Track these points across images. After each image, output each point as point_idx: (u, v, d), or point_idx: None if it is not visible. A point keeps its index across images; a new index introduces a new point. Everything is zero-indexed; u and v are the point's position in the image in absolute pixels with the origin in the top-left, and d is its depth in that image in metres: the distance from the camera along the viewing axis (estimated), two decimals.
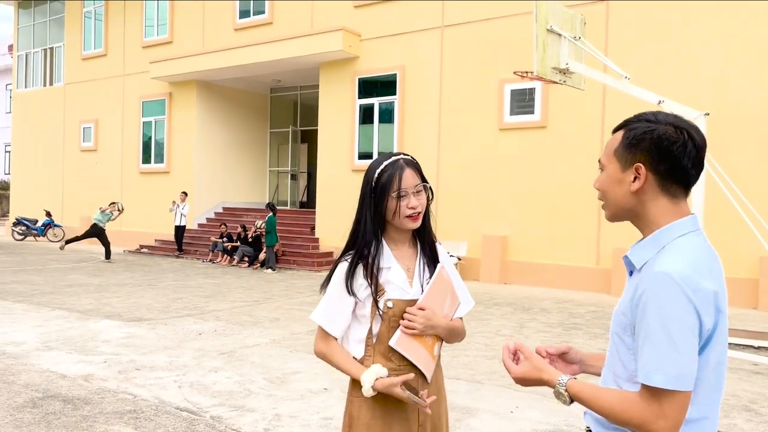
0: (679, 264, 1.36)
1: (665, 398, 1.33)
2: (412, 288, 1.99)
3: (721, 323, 1.40)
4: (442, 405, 2.08)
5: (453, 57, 13.74)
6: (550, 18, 7.04)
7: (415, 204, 1.95)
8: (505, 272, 12.93)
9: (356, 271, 1.97)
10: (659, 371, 1.33)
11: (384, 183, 1.94)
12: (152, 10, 19.65)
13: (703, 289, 1.34)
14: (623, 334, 1.46)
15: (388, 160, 1.98)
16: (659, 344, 1.33)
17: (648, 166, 1.45)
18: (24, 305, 8.96)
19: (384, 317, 1.95)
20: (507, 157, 12.96)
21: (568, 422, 4.55)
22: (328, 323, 2.00)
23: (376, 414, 1.94)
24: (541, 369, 1.58)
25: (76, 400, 4.79)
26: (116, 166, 20.53)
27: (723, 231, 9.26)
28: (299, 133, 20.06)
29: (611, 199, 1.53)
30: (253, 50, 16.11)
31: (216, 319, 8.24)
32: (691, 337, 1.33)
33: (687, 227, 1.44)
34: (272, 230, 14.30)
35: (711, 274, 1.38)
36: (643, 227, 1.49)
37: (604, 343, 7.26)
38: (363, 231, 1.98)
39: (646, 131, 1.45)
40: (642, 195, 1.46)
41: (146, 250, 18.13)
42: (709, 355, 1.39)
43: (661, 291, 1.34)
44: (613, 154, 1.51)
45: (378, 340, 1.96)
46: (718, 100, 10.42)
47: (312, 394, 5.12)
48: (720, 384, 1.45)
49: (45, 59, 23.28)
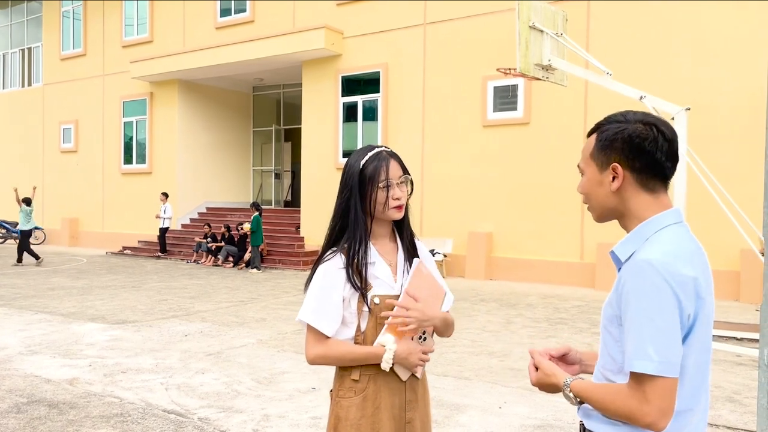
0: (659, 252, 1.39)
1: (649, 384, 1.34)
2: (397, 283, 1.97)
3: (703, 311, 1.41)
4: (428, 401, 2.08)
5: (436, 54, 13.76)
6: (533, 15, 7.08)
7: (399, 195, 1.94)
8: (491, 268, 12.98)
9: (352, 266, 1.93)
10: (642, 357, 1.34)
11: (370, 174, 1.93)
12: (132, 9, 19.45)
13: (683, 275, 1.36)
14: (610, 326, 1.48)
15: (372, 152, 1.97)
16: (641, 330, 1.35)
17: (624, 165, 1.49)
18: (5, 309, 8.84)
19: (371, 314, 1.94)
20: (491, 154, 13.01)
21: (556, 417, 4.58)
22: (321, 322, 1.92)
23: (365, 413, 1.92)
24: (549, 374, 1.61)
25: (62, 405, 4.74)
26: (97, 168, 20.31)
27: (704, 224, 9.37)
28: (282, 131, 19.98)
29: (595, 201, 1.57)
30: (234, 49, 16.01)
31: (202, 320, 8.19)
32: (673, 323, 1.35)
33: (669, 219, 1.47)
34: (258, 230, 14.24)
35: (692, 262, 1.41)
36: (628, 224, 1.52)
37: (590, 337, 7.32)
38: (353, 224, 1.94)
39: (617, 131, 1.50)
40: (623, 193, 1.50)
41: (129, 251, 17.97)
42: (692, 344, 1.40)
43: (642, 278, 1.37)
44: (589, 158, 1.56)
45: (366, 337, 1.94)
46: (698, 95, 10.54)
47: (300, 393, 5.10)
48: (704, 376, 1.46)
49: (23, 59, 22.96)
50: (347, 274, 1.93)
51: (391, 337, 1.91)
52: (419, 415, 2.01)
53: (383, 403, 1.93)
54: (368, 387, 1.93)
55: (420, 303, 1.92)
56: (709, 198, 7.52)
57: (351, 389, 1.94)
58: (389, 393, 1.94)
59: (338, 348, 1.93)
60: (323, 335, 1.93)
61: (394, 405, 1.95)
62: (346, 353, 1.92)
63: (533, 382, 1.65)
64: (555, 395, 4.92)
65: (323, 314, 1.93)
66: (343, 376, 1.97)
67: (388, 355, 1.89)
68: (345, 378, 1.96)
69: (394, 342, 1.90)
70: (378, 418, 1.92)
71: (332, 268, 1.94)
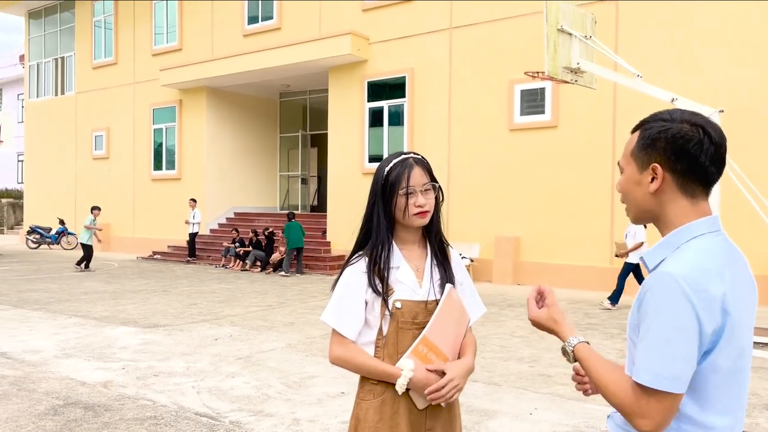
0: (685, 265, 1.34)
1: (652, 397, 1.33)
2: (422, 288, 1.97)
3: (730, 327, 1.35)
4: (454, 409, 2.05)
5: (462, 58, 13.74)
6: (561, 18, 7.03)
7: (422, 202, 1.94)
8: (519, 273, 12.89)
9: (374, 270, 1.95)
10: (648, 370, 1.33)
11: (393, 181, 1.94)
12: (161, 17, 19.79)
13: (707, 291, 1.32)
14: (633, 334, 1.46)
15: (397, 159, 1.98)
16: (653, 343, 1.33)
17: (665, 166, 1.43)
18: (41, 313, 9.03)
19: (392, 318, 1.94)
20: (518, 158, 12.93)
21: (588, 424, 4.53)
22: (343, 325, 1.95)
23: (384, 416, 1.92)
24: (556, 321, 1.60)
25: (97, 407, 4.82)
26: (128, 174, 20.67)
27: (738, 228, 9.19)
28: (309, 137, 20.11)
29: (632, 202, 1.52)
30: (262, 56, 16.19)
31: (231, 324, 8.27)
32: (687, 339, 1.31)
33: (704, 228, 1.42)
34: (290, 235, 14.27)
35: (721, 275, 1.35)
36: (663, 228, 1.48)
37: (621, 343, 7.22)
38: (376, 229, 1.97)
39: (661, 130, 1.44)
40: (661, 195, 1.45)
41: (159, 256, 18.23)
42: (716, 360, 1.36)
43: (661, 291, 1.34)
44: (630, 156, 1.51)
45: (387, 341, 1.95)
46: (731, 97, 10.35)
47: (329, 398, 5.12)
48: (738, 391, 1.42)
49: (56, 69, 23.49)
50: (368, 277, 1.94)
51: (412, 363, 1.90)
52: (441, 423, 1.98)
53: (401, 408, 1.93)
54: (387, 391, 1.94)
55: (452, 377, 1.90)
56: (742, 201, 7.37)
57: (371, 392, 1.96)
58: (408, 399, 1.94)
59: (359, 357, 1.95)
60: (345, 338, 1.96)
61: (412, 411, 1.94)
62: (364, 364, 1.95)
63: (532, 317, 1.64)
64: (587, 402, 4.88)
65: (344, 317, 1.95)
66: (364, 379, 2.00)
67: (403, 380, 1.89)
68: (365, 381, 1.99)
69: (411, 369, 1.89)
70: (396, 423, 1.92)
71: (356, 272, 1.97)
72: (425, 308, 1.96)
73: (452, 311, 1.98)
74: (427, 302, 1.96)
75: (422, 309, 1.96)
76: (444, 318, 1.95)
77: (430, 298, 1.97)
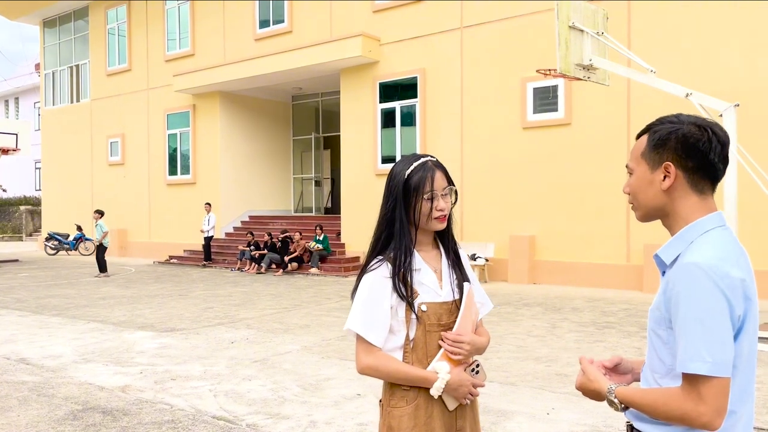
0: (707, 254, 1.41)
1: (703, 385, 1.36)
2: (443, 290, 1.97)
3: (751, 312, 1.43)
4: (476, 408, 2.08)
5: (473, 57, 13.70)
6: (572, 14, 6.99)
7: (443, 206, 1.94)
8: (534, 272, 12.82)
9: (399, 276, 1.93)
10: (695, 358, 1.36)
11: (415, 184, 1.92)
12: (174, 23, 19.95)
13: (731, 277, 1.38)
14: (658, 329, 1.50)
15: (417, 162, 1.96)
16: (693, 332, 1.37)
17: (676, 164, 1.51)
18: (59, 318, 9.13)
19: (420, 321, 1.92)
20: (531, 156, 12.86)
21: (606, 423, 4.49)
22: (371, 332, 1.90)
23: (418, 422, 1.91)
24: (592, 380, 1.64)
25: (115, 412, 4.86)
26: (144, 179, 20.86)
27: (755, 220, 9.08)
28: (322, 139, 20.16)
29: (642, 200, 1.58)
30: (273, 59, 16.26)
31: (247, 327, 8.30)
32: (724, 323, 1.36)
33: (713, 223, 1.49)
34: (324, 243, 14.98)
35: (738, 264, 1.42)
36: (673, 224, 1.54)
37: (639, 341, 7.15)
38: (399, 233, 1.94)
39: (671, 131, 1.52)
40: (673, 192, 1.52)
41: (175, 260, 18.37)
42: (742, 344, 1.42)
43: (691, 281, 1.39)
44: (640, 157, 1.58)
45: (415, 345, 1.93)
46: (747, 91, 10.21)
47: (346, 400, 5.12)
48: (750, 377, 1.47)
49: (71, 76, 23.76)
50: (393, 283, 1.92)
51: (446, 365, 1.90)
52: (469, 422, 2.01)
53: (435, 412, 1.92)
54: (419, 396, 1.92)
55: (471, 336, 1.95)
56: (758, 194, 7.28)
57: (403, 398, 1.93)
58: (440, 402, 1.94)
59: (390, 364, 1.91)
60: (373, 346, 1.91)
61: (444, 413, 1.94)
62: (397, 371, 1.91)
63: (577, 386, 1.68)
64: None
65: (372, 324, 1.91)
66: (393, 386, 1.96)
67: (440, 383, 1.88)
68: (396, 388, 1.95)
69: (448, 372, 1.89)
70: (431, 427, 1.91)
71: (379, 277, 1.93)
72: (448, 309, 1.96)
73: (472, 309, 2.01)
74: (449, 303, 1.97)
75: (445, 310, 1.96)
76: (467, 317, 1.98)
77: (450, 299, 1.98)
